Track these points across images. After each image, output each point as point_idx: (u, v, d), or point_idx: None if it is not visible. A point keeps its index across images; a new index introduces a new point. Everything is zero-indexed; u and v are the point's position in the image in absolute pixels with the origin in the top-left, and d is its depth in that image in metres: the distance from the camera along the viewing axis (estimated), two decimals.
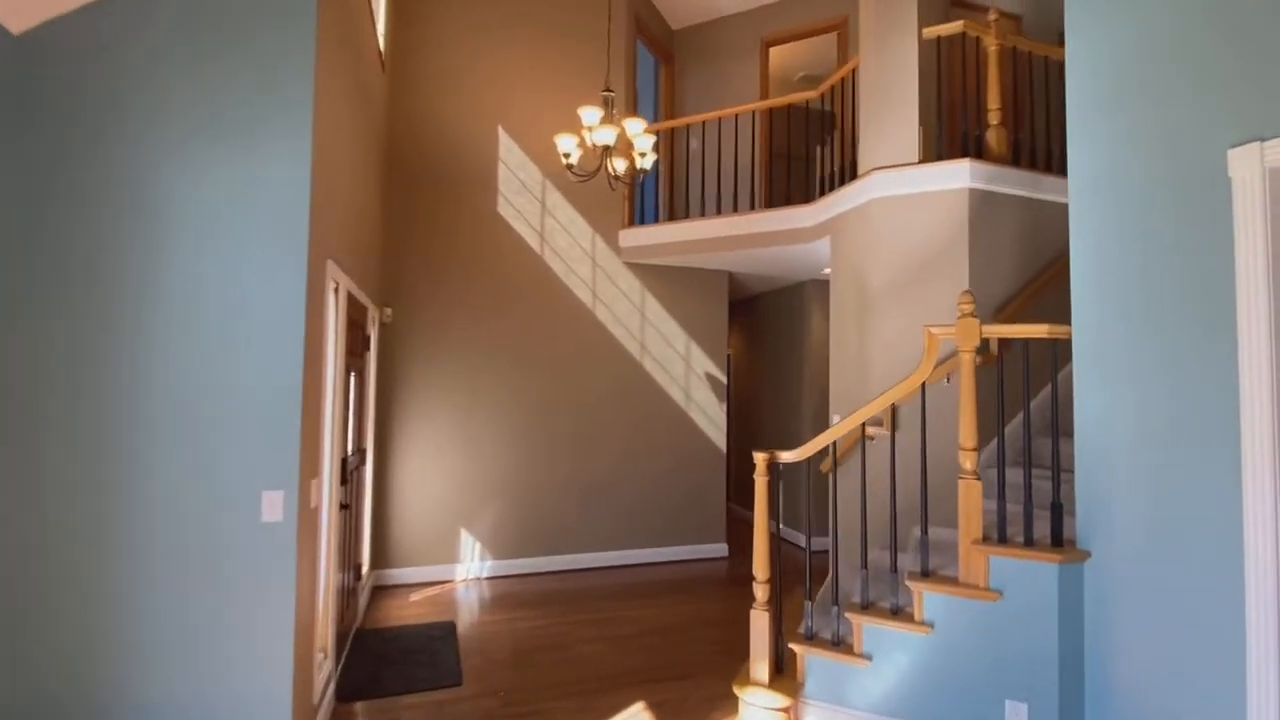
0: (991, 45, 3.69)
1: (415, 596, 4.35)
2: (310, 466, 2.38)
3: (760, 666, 2.79)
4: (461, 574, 4.71)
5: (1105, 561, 2.35)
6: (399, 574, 4.57)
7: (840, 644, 2.74)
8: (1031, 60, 4.17)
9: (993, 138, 3.69)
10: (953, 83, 4.04)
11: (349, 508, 3.46)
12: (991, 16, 3.69)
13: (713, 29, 6.00)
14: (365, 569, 4.25)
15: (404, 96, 4.67)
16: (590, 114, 3.67)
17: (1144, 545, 2.22)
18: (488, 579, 4.74)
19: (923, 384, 2.72)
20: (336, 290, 2.97)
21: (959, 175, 3.51)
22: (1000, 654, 2.44)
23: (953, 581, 2.56)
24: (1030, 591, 2.40)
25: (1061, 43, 4.10)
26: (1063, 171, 3.82)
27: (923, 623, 2.55)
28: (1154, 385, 2.21)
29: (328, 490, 2.88)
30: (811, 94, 4.56)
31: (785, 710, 2.68)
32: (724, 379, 5.47)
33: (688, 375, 5.35)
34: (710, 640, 3.68)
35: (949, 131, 3.91)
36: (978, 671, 2.47)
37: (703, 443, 5.34)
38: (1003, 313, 3.55)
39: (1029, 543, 2.48)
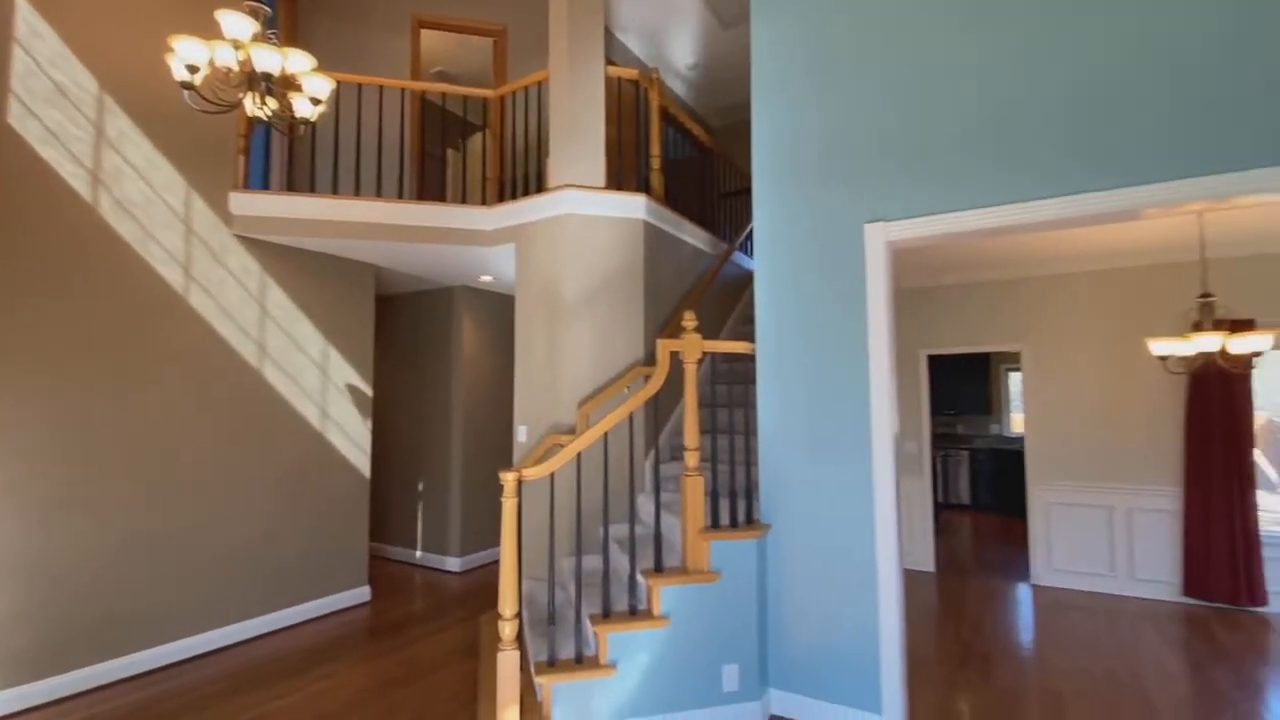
0: (655, 100, 4.28)
1: None
2: None
3: (510, 712, 2.47)
4: None
5: (782, 533, 2.97)
6: None
7: (583, 660, 2.67)
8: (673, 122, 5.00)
9: (655, 181, 4.28)
10: (623, 124, 4.51)
11: None
12: (654, 74, 4.28)
13: None
14: None
15: None
16: (235, 22, 2.64)
17: (807, 516, 2.91)
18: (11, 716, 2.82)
19: (655, 393, 2.92)
20: None
21: (637, 207, 3.93)
22: (720, 627, 2.80)
23: (682, 571, 2.81)
24: (740, 567, 2.84)
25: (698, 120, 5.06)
26: (690, 217, 4.71)
27: (661, 617, 2.72)
28: (813, 394, 2.93)
29: None
30: (489, 92, 4.38)
31: None
32: (369, 391, 4.66)
33: (325, 387, 4.35)
34: (400, 708, 3.05)
35: (617, 167, 4.33)
36: (703, 647, 2.77)
37: (342, 469, 4.42)
38: (664, 330, 4.13)
39: (735, 524, 2.93)
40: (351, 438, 4.50)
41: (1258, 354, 3.67)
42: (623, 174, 4.32)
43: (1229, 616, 4.22)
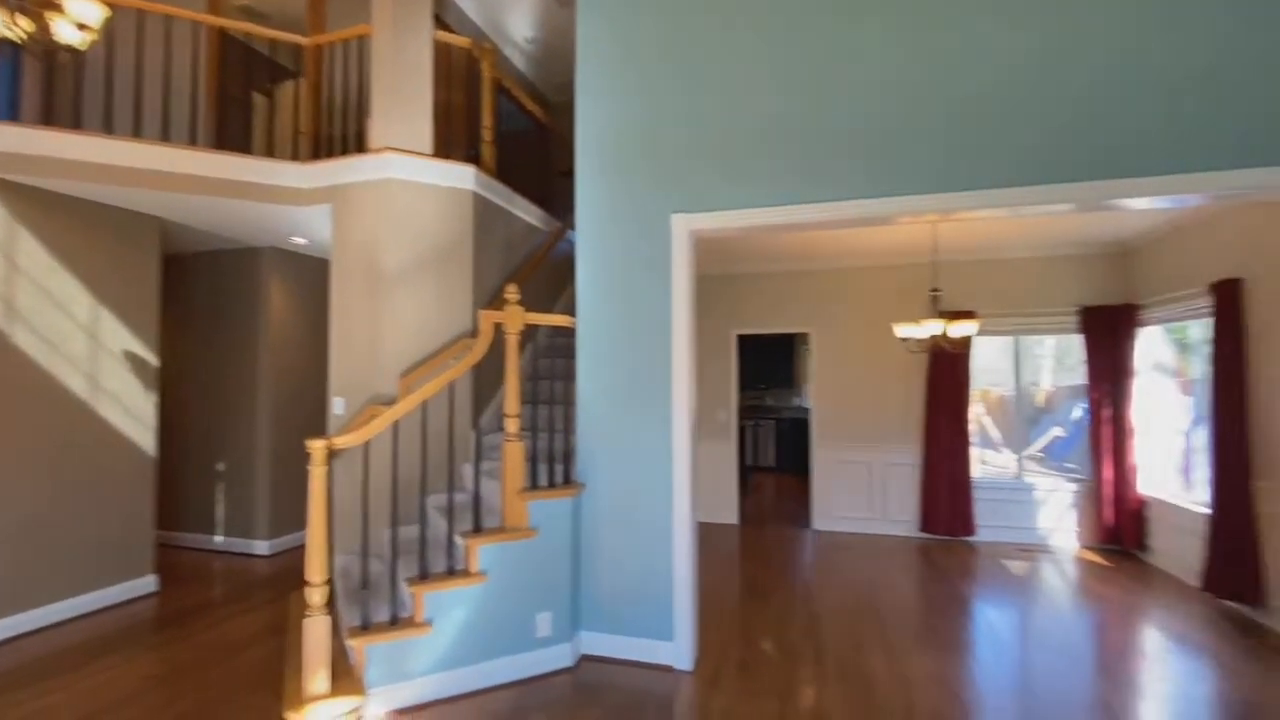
0: (487, 74, 4.28)
1: None
2: None
3: (320, 677, 2.48)
4: None
5: (596, 491, 3.26)
6: None
7: (399, 621, 2.74)
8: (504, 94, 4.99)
9: (486, 152, 4.30)
10: (453, 91, 4.43)
11: None
12: (486, 47, 4.28)
13: None
14: None
15: None
16: None
17: (617, 475, 3.23)
18: None
19: (476, 363, 3.02)
20: None
21: (466, 178, 3.94)
22: (536, 579, 3.02)
23: (501, 530, 2.98)
24: (556, 523, 3.08)
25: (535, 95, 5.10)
26: (524, 193, 4.80)
27: (478, 573, 2.87)
28: (625, 366, 3.23)
29: None
30: (303, 39, 4.06)
31: (355, 712, 2.49)
32: (154, 361, 4.15)
33: (96, 354, 3.80)
34: (188, 692, 2.86)
35: (447, 136, 4.27)
36: (520, 598, 2.98)
37: (120, 448, 3.91)
38: (494, 304, 4.21)
39: (552, 485, 3.15)
40: (132, 412, 4.00)
41: (969, 337, 4.68)
42: (452, 142, 4.27)
43: (949, 545, 5.37)
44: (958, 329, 4.22)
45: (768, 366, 9.58)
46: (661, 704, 2.76)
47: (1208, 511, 3.95)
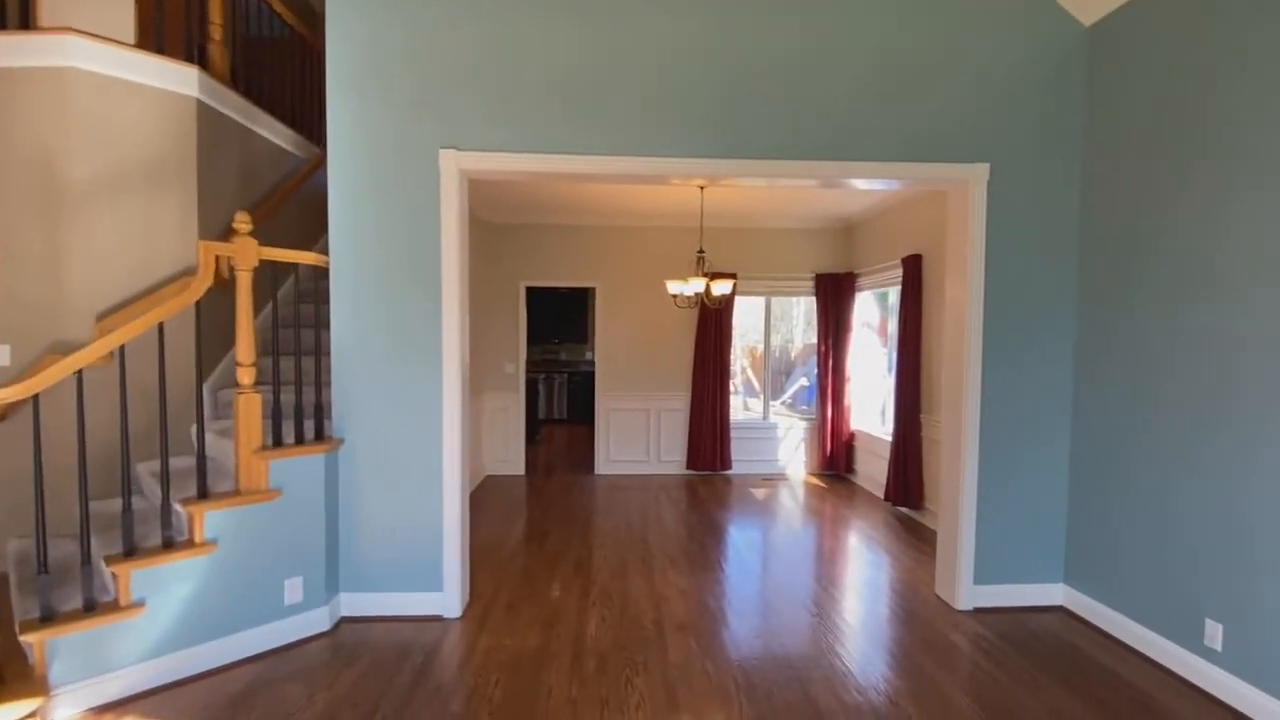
0: None
1: None
2: None
3: None
4: None
5: (357, 446, 3.04)
6: None
7: (97, 607, 2.32)
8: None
9: (216, 54, 3.60)
10: None
11: None
12: None
13: None
14: None
15: None
16: None
17: (380, 429, 3.05)
18: None
19: (197, 303, 2.58)
20: None
21: (187, 81, 3.28)
22: (282, 542, 2.76)
23: (234, 494, 2.65)
24: (305, 483, 2.82)
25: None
26: (276, 111, 4.15)
27: (205, 543, 2.53)
28: (388, 311, 3.03)
29: None
30: None
31: (35, 716, 2.07)
32: None
33: None
34: None
35: (170, 30, 3.48)
36: (263, 565, 2.70)
37: None
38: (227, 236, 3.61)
39: (300, 441, 2.87)
40: None
41: (728, 296, 5.21)
42: (169, 36, 3.48)
43: (710, 479, 6.07)
44: (718, 287, 4.69)
45: (562, 321, 9.70)
46: (426, 651, 2.74)
47: (890, 439, 5.00)
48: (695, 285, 4.57)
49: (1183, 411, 2.57)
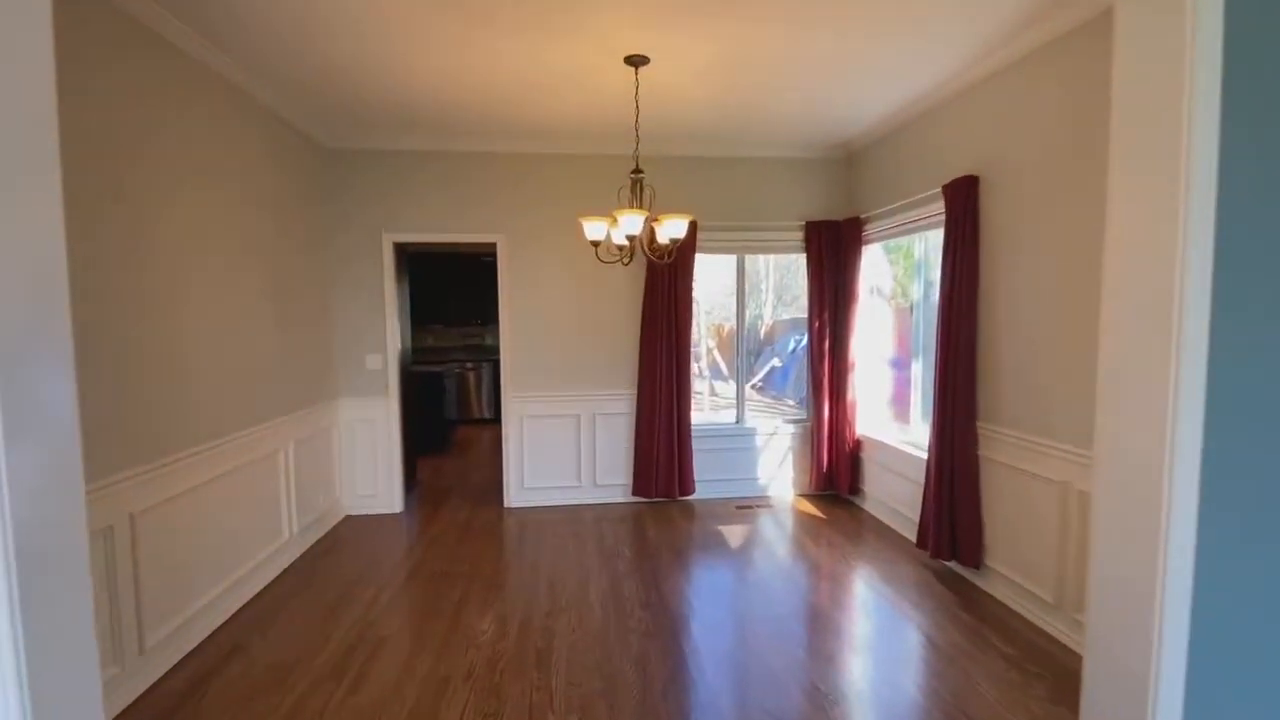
0: None
1: None
2: None
3: None
4: None
5: None
6: None
7: None
8: None
9: None
10: None
11: None
12: None
13: None
14: None
15: None
16: None
17: None
18: None
19: None
20: None
21: None
22: None
23: None
24: None
25: None
26: None
27: None
28: None
29: None
30: None
31: None
32: None
33: None
34: None
35: None
36: None
37: None
38: None
39: None
40: None
41: (685, 247, 3.47)
42: None
43: (664, 511, 4.36)
44: (667, 228, 2.94)
45: (484, 298, 7.74)
46: None
47: (925, 455, 3.36)
48: (629, 225, 2.81)
49: None
